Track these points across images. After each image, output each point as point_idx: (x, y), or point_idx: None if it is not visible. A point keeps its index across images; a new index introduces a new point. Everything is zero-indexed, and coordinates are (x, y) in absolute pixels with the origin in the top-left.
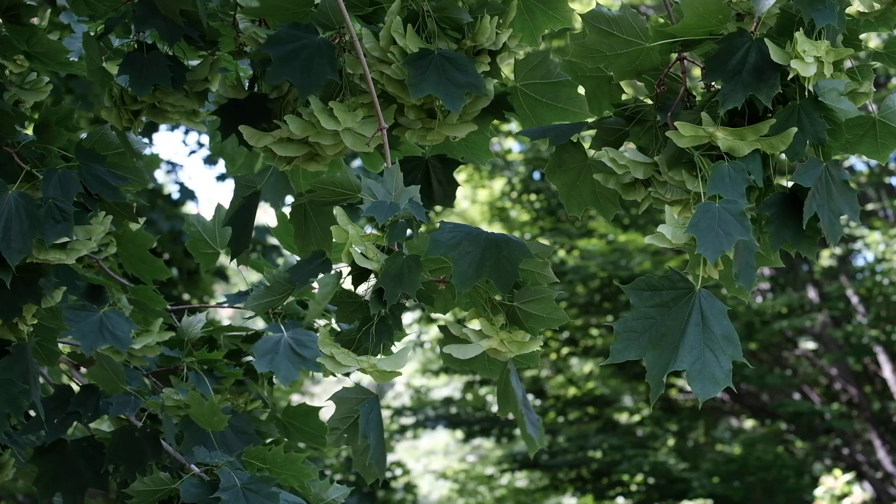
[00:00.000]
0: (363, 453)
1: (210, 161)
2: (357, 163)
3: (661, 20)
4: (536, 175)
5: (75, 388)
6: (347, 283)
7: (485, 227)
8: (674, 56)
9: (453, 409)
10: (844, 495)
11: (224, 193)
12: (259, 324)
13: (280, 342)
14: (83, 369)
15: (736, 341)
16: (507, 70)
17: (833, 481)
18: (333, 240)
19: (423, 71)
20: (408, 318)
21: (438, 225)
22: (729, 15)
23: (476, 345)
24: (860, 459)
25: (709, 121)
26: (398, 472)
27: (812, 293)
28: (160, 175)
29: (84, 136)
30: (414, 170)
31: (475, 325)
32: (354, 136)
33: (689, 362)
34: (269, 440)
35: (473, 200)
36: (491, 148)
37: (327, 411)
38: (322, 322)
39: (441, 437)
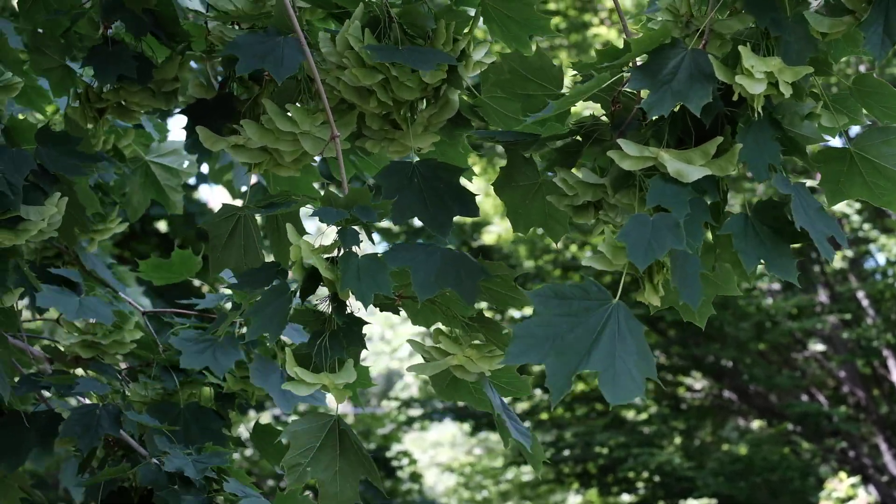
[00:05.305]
0: (332, 482)
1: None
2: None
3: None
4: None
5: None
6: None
7: (497, 221)
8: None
9: (461, 402)
10: (849, 498)
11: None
12: None
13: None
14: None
15: (651, 361)
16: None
17: (838, 484)
18: (290, 259)
19: (387, 50)
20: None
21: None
22: (669, 34)
23: (438, 363)
24: (866, 463)
25: (654, 142)
26: (405, 461)
27: (823, 296)
28: None
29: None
30: (410, 175)
31: (441, 343)
32: (313, 141)
33: (603, 367)
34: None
35: (487, 194)
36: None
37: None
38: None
39: (448, 429)
